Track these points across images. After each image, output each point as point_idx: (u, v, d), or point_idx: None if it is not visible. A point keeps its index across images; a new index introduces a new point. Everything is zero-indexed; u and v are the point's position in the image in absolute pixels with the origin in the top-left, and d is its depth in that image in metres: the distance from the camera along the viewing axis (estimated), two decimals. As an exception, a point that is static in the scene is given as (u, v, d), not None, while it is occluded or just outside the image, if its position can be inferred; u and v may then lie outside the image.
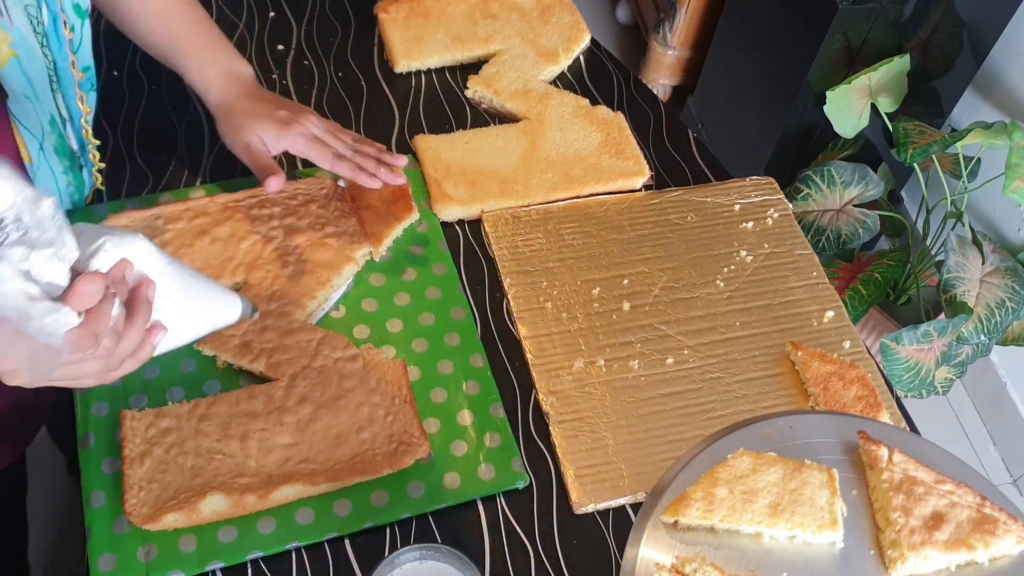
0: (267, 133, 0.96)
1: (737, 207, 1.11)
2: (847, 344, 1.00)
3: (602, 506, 0.87)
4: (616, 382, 0.95)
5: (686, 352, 0.98)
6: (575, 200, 1.10)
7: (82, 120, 0.95)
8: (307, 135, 0.98)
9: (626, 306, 1.01)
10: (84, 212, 1.01)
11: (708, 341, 0.99)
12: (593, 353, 0.97)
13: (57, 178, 0.94)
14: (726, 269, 1.05)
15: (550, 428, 0.91)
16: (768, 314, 1.02)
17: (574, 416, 0.92)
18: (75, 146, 0.96)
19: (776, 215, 1.11)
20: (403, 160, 1.01)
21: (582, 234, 1.07)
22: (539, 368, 0.95)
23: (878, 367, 1.00)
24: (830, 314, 1.02)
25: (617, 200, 1.10)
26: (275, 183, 0.94)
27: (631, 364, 0.96)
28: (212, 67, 0.99)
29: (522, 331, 0.98)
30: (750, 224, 1.10)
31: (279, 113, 0.97)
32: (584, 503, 0.87)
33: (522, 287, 1.01)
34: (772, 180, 1.15)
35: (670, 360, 0.97)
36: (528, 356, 0.96)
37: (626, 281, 1.03)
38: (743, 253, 1.07)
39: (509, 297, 1.00)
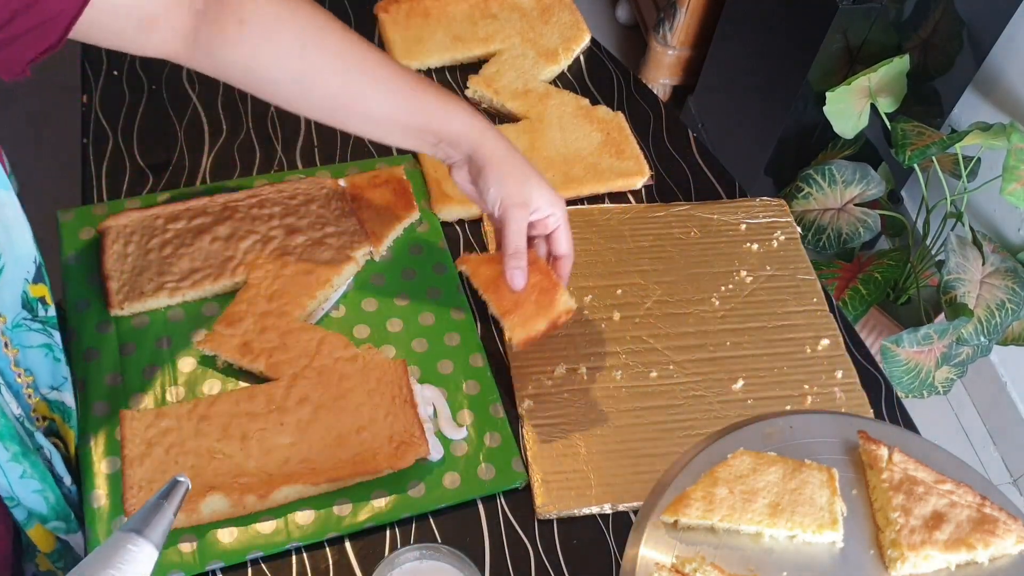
0: (546, 199, 0.84)
1: (743, 226, 1.09)
2: (839, 374, 0.97)
3: (565, 513, 0.86)
4: (596, 391, 0.94)
5: (671, 367, 0.96)
6: (579, 207, 1.09)
7: (18, 377, 0.76)
8: (560, 219, 0.86)
9: (616, 316, 1.00)
10: (82, 212, 1.01)
11: (695, 358, 0.97)
12: (576, 360, 0.95)
13: (5, 470, 0.73)
14: (724, 288, 1.03)
15: (522, 431, 0.90)
16: (761, 336, 0.99)
17: (549, 421, 0.91)
18: (17, 411, 0.75)
19: (783, 237, 1.09)
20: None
21: (581, 240, 1.05)
22: (519, 370, 0.94)
23: (878, 374, 1.00)
24: (825, 342, 1.00)
25: (621, 209, 1.09)
26: (520, 281, 0.84)
27: (614, 374, 0.95)
28: (473, 111, 0.84)
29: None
30: (755, 245, 1.07)
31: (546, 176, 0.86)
32: (548, 508, 0.85)
33: (515, 288, 1.01)
34: (783, 202, 1.12)
35: (654, 374, 0.95)
36: (509, 358, 0.95)
37: (619, 291, 1.02)
38: (743, 273, 1.05)
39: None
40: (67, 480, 0.82)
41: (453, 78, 1.23)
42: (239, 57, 0.76)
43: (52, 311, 0.78)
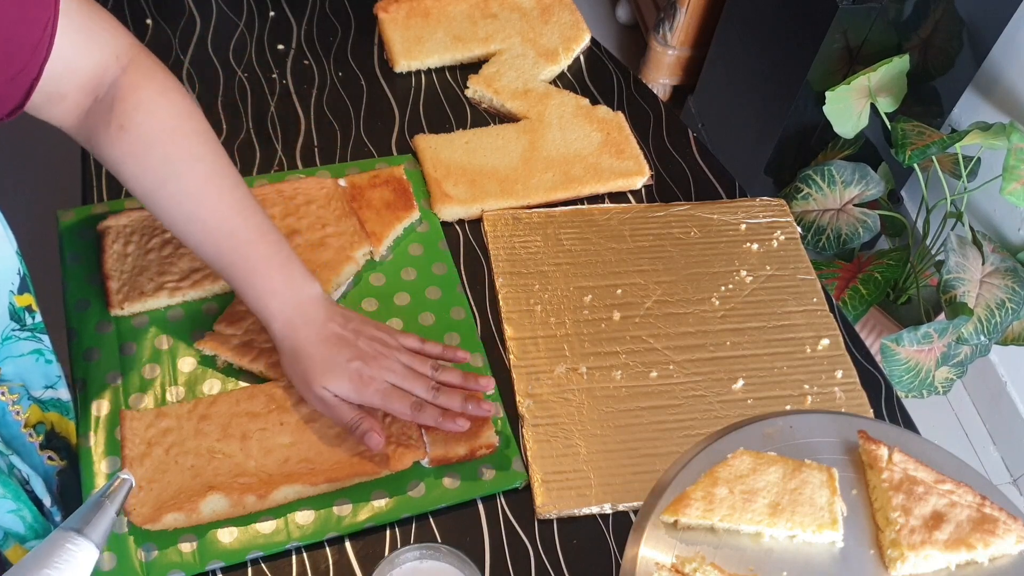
0: (341, 390, 0.83)
1: (743, 226, 1.09)
2: (839, 373, 0.97)
3: (565, 513, 0.86)
4: (596, 391, 0.94)
5: (671, 367, 0.96)
6: (579, 207, 1.09)
7: (1, 396, 0.78)
8: (384, 389, 0.83)
9: (616, 316, 1.00)
10: (82, 212, 1.01)
11: (695, 358, 0.97)
12: (576, 360, 0.95)
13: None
14: (724, 288, 1.03)
15: (522, 431, 0.90)
16: (761, 336, 0.99)
17: (549, 421, 0.91)
18: (16, 463, 0.79)
19: (783, 237, 1.08)
20: (490, 384, 0.87)
21: (581, 240, 1.06)
22: (519, 370, 0.94)
23: (878, 374, 1.00)
24: (825, 342, 1.00)
25: (621, 209, 1.09)
26: (376, 441, 0.82)
27: (614, 374, 0.95)
28: (273, 297, 0.83)
29: (508, 332, 0.97)
30: (755, 245, 1.07)
31: (352, 366, 0.82)
32: (548, 508, 0.85)
33: (513, 288, 1.01)
34: (783, 202, 1.12)
35: (654, 374, 0.95)
36: (511, 357, 0.95)
37: (619, 291, 1.02)
38: (743, 273, 1.04)
39: (500, 297, 1.00)
40: (47, 502, 0.81)
41: (453, 78, 1.23)
42: (110, 156, 0.79)
43: (39, 317, 0.79)
